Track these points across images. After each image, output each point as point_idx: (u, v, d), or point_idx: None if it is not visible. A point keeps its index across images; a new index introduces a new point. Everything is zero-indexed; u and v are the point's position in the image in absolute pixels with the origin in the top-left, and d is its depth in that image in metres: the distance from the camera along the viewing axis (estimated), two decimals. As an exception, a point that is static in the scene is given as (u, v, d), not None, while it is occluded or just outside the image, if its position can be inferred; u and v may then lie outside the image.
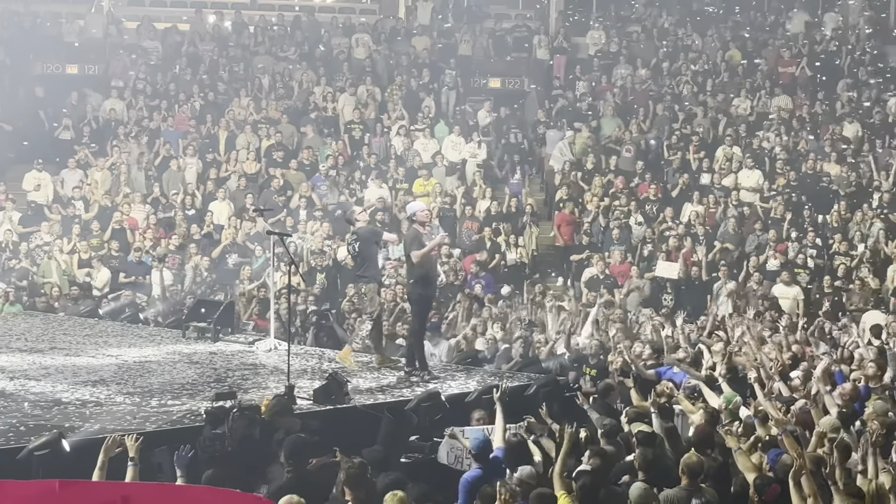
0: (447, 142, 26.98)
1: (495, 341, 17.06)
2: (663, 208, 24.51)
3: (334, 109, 28.01)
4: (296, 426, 10.92)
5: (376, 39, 31.26)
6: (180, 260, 22.37)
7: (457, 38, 31.99)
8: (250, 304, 20.44)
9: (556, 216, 24.94)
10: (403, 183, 25.37)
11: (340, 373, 13.34)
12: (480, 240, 23.84)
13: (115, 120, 27.09)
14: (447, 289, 21.51)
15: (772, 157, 26.36)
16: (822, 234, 23.54)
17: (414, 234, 14.80)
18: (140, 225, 23.71)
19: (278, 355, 15.38)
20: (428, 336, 17.01)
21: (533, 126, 28.90)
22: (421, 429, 12.18)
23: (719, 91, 29.41)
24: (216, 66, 29.67)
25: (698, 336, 17.05)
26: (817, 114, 28.53)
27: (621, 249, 23.30)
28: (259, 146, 26.37)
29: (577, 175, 26.00)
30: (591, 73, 30.77)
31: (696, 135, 27.26)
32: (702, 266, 22.53)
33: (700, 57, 31.06)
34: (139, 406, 11.98)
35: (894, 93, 29.24)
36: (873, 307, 21.29)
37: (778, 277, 21.98)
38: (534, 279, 23.07)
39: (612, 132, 27.62)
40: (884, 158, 26.17)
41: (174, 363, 14.98)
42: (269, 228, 20.37)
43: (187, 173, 25.26)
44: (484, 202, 24.98)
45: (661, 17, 33.68)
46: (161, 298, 20.75)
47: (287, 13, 32.94)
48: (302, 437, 10.17)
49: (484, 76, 31.38)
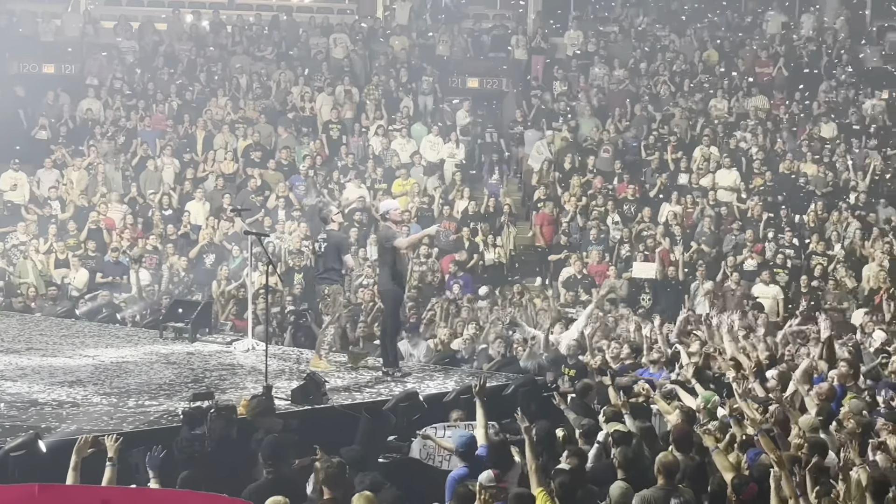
0: (425, 142, 26.98)
1: (472, 341, 17.06)
2: (641, 208, 24.57)
3: (312, 109, 27.96)
4: (277, 426, 10.91)
5: (354, 39, 31.23)
6: (157, 260, 22.29)
7: (435, 39, 31.98)
8: (228, 304, 20.40)
9: (537, 216, 24.97)
10: (382, 183, 25.34)
11: (318, 373, 13.33)
12: (458, 240, 23.84)
13: (91, 120, 26.98)
14: (425, 289, 21.55)
15: (749, 157, 26.46)
16: (800, 234, 23.63)
17: (388, 232, 14.82)
18: (117, 225, 23.61)
19: (256, 355, 15.37)
20: (407, 336, 17.04)
21: (511, 126, 28.89)
22: (399, 429, 12.19)
23: (696, 91, 29.50)
24: (194, 65, 29.58)
25: (677, 337, 17.09)
26: (794, 114, 28.66)
27: (599, 249, 23.33)
28: (237, 146, 26.30)
29: (555, 175, 26.04)
30: (569, 73, 30.80)
31: (674, 135, 27.35)
32: (678, 266, 22.58)
33: (677, 57, 31.14)
34: (116, 406, 11.95)
35: (870, 94, 29.37)
36: (849, 306, 21.42)
37: (758, 277, 22.07)
38: (512, 279, 23.09)
39: (589, 132, 27.67)
40: (860, 158, 26.30)
41: (151, 363, 14.94)
42: (246, 228, 20.32)
43: (164, 173, 25.17)
44: (462, 202, 24.98)
45: (638, 18, 33.76)
46: (138, 299, 20.67)
47: (265, 13, 32.85)
48: (280, 437, 10.16)
49: (462, 76, 31.36)
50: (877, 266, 22.03)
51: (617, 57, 31.13)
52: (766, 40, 32.10)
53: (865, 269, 22.29)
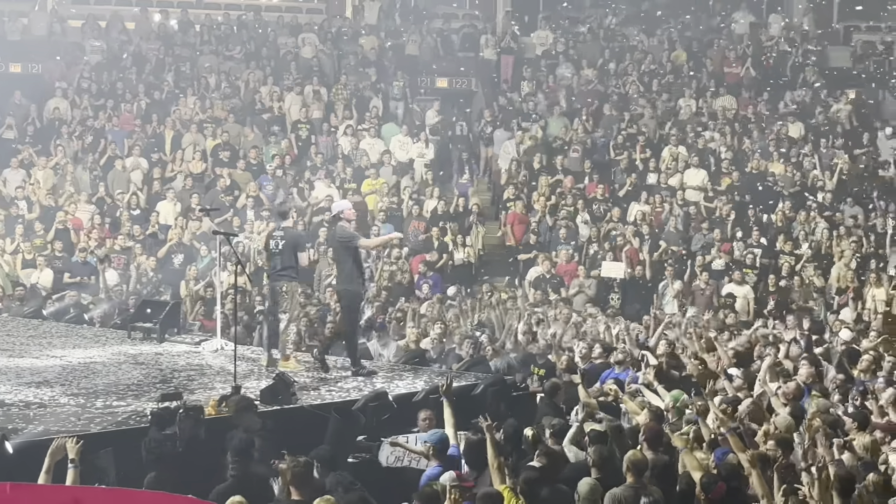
0: (394, 141, 26.96)
1: (441, 341, 17.06)
2: (611, 208, 24.64)
3: (280, 109, 27.89)
4: (256, 425, 10.90)
5: (323, 39, 31.18)
6: (125, 260, 22.20)
7: (404, 38, 31.96)
8: (196, 304, 20.33)
9: (508, 215, 24.97)
10: (351, 183, 25.30)
11: (287, 373, 13.31)
12: (428, 239, 23.83)
13: (58, 119, 26.83)
14: (395, 289, 21.55)
15: (717, 156, 26.58)
16: (768, 234, 23.73)
17: (344, 231, 14.83)
18: (85, 225, 23.49)
19: (225, 356, 15.32)
20: (377, 336, 17.01)
21: (480, 126, 28.90)
22: (368, 429, 12.17)
23: (665, 91, 29.60)
24: (162, 65, 29.46)
25: (645, 337, 17.15)
26: (762, 114, 28.80)
27: (568, 249, 23.36)
28: (205, 146, 26.20)
29: (525, 175, 26.08)
30: (538, 73, 30.85)
31: (643, 135, 27.44)
32: (646, 265, 22.65)
33: (646, 57, 31.25)
34: (84, 407, 11.88)
35: (837, 95, 29.53)
36: (817, 305, 21.55)
37: (730, 277, 22.18)
38: (481, 279, 23.09)
39: (558, 132, 27.72)
40: (827, 158, 26.45)
41: (119, 364, 14.87)
42: (214, 228, 20.25)
43: (132, 173, 25.05)
44: (431, 202, 24.97)
45: (607, 18, 33.86)
46: (106, 299, 20.57)
47: (233, 12, 32.77)
48: (250, 437, 10.13)
49: (431, 76, 31.36)
50: (843, 266, 22.16)
51: (585, 57, 31.21)
52: (735, 41, 32.25)
53: (834, 269, 22.39)
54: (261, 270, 21.30)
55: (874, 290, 21.15)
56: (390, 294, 21.01)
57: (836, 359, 14.88)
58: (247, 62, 29.78)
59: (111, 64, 29.47)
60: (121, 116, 27.14)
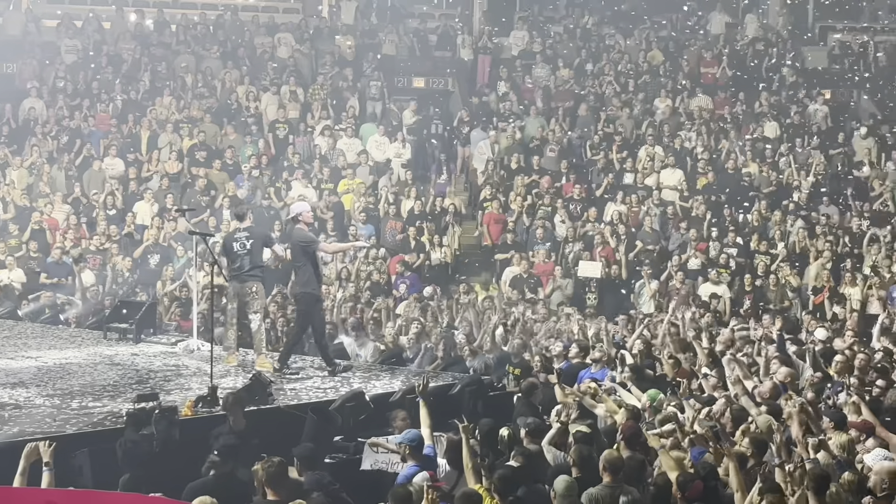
0: (371, 141, 26.93)
1: (418, 341, 17.06)
2: (588, 208, 24.67)
3: (257, 108, 27.84)
4: (241, 424, 10.91)
5: (299, 39, 31.13)
6: (101, 260, 22.12)
7: (381, 38, 31.92)
8: (172, 304, 20.27)
9: (485, 215, 24.99)
10: (328, 183, 25.27)
11: (264, 373, 13.30)
12: (404, 239, 23.83)
13: (34, 119, 26.72)
14: (373, 288, 21.54)
15: (693, 156, 26.65)
16: (744, 233, 23.79)
17: (302, 234, 14.86)
18: (60, 225, 23.40)
19: (201, 356, 15.28)
20: (354, 335, 17.00)
21: (457, 125, 28.88)
22: (345, 429, 12.17)
23: (641, 91, 29.66)
24: (138, 64, 29.35)
25: (622, 337, 17.18)
26: (738, 114, 28.89)
27: (545, 249, 23.39)
28: (181, 146, 26.13)
29: (502, 175, 26.11)
30: (514, 73, 30.86)
31: (619, 135, 27.50)
32: (622, 265, 22.69)
33: (623, 57, 31.30)
34: (59, 408, 11.86)
35: (813, 95, 29.64)
36: (792, 305, 21.64)
37: (702, 276, 22.23)
38: (459, 279, 23.08)
39: (535, 132, 27.73)
40: (803, 158, 26.54)
41: (95, 365, 14.84)
42: (191, 228, 20.20)
43: (109, 173, 24.97)
44: (408, 202, 24.96)
45: (583, 18, 33.89)
46: (81, 299, 20.50)
47: (209, 12, 32.66)
48: (235, 441, 10.11)
49: (408, 76, 31.34)
50: (819, 265, 22.24)
51: (562, 57, 31.25)
52: (710, 41, 32.34)
53: (812, 268, 22.44)
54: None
55: (849, 290, 21.23)
56: (370, 294, 21.00)
57: (811, 358, 14.90)
58: (223, 62, 29.70)
59: (87, 64, 29.35)
60: (96, 116, 27.05)
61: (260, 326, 15.24)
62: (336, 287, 20.89)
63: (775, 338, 16.43)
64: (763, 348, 15.56)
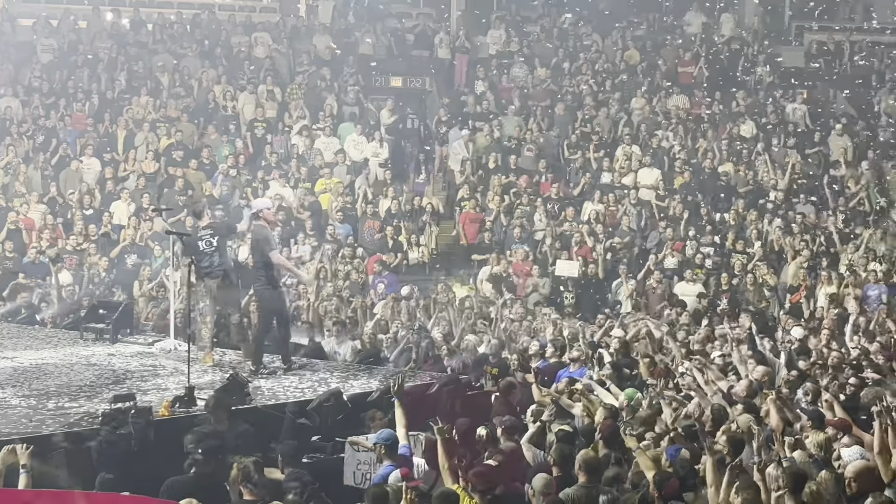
0: (349, 141, 26.90)
1: (395, 340, 17.07)
2: (565, 207, 24.70)
3: (234, 108, 27.77)
4: (223, 426, 10.90)
5: (276, 38, 31.07)
6: (78, 260, 22.04)
7: (358, 37, 31.88)
8: (149, 304, 20.21)
9: (461, 215, 24.99)
10: (306, 182, 25.24)
11: (241, 373, 13.29)
12: (382, 238, 23.82)
13: (9, 118, 26.59)
14: (351, 288, 21.52)
15: (670, 156, 26.71)
16: (721, 233, 23.85)
17: (262, 232, 14.84)
18: (37, 225, 23.31)
19: (178, 356, 15.25)
20: (334, 333, 17.02)
21: (435, 125, 28.88)
22: (323, 429, 12.17)
23: (618, 90, 29.70)
24: (114, 64, 29.23)
25: (601, 336, 17.20)
26: (715, 113, 28.96)
27: (523, 248, 23.40)
28: (158, 145, 26.05)
29: (479, 174, 26.12)
30: (490, 73, 30.86)
31: (596, 134, 27.54)
32: (598, 264, 22.72)
33: (600, 57, 31.34)
34: (35, 409, 11.82)
35: (790, 95, 29.74)
36: (769, 304, 21.71)
37: (678, 275, 22.28)
38: (437, 278, 23.07)
39: (513, 131, 27.75)
40: (780, 157, 26.63)
41: (72, 365, 14.81)
42: (167, 228, 20.15)
43: (85, 173, 24.88)
44: (386, 201, 24.95)
45: (560, 18, 33.92)
46: (58, 299, 20.43)
47: (186, 11, 32.53)
48: (217, 442, 10.09)
49: (385, 75, 31.31)
50: (797, 264, 22.31)
51: (539, 56, 31.27)
52: (687, 40, 32.39)
53: (791, 267, 22.50)
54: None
55: (826, 288, 21.30)
56: (348, 293, 20.99)
57: (787, 356, 14.96)
58: (200, 61, 29.61)
59: (63, 63, 29.22)
60: (73, 115, 26.92)
61: (210, 322, 15.28)
62: (315, 286, 20.84)
63: (744, 337, 16.48)
64: (735, 349, 15.59)
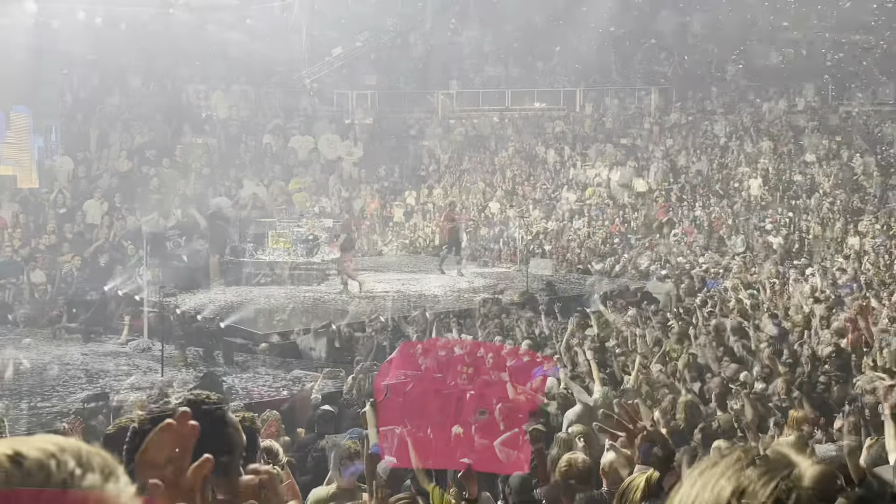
0: (323, 140, 26.88)
1: (371, 337, 17.05)
2: (541, 204, 24.77)
3: (208, 107, 27.70)
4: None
5: (252, 37, 30.96)
6: (51, 259, 21.93)
7: (334, 36, 31.81)
8: (123, 303, 20.11)
9: (437, 213, 24.99)
10: (279, 181, 25.22)
11: (216, 371, 13.25)
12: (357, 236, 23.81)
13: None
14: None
15: (645, 154, 26.81)
16: (698, 231, 23.93)
17: (223, 231, 14.87)
18: (9, 224, 23.18)
19: (152, 355, 15.22)
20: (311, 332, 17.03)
21: (409, 124, 28.90)
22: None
23: (592, 90, 29.78)
24: (87, 63, 29.08)
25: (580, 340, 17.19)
26: (689, 112, 29.08)
27: (500, 246, 23.43)
28: (132, 144, 25.96)
29: (455, 173, 26.18)
30: (465, 71, 30.90)
31: (572, 132, 27.63)
32: (573, 263, 22.77)
33: (574, 56, 31.39)
34: (8, 408, 11.76)
35: (765, 93, 29.89)
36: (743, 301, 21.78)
37: (655, 274, 22.35)
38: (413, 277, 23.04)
39: (487, 130, 27.80)
40: (754, 155, 26.75)
41: (45, 364, 14.73)
42: (143, 227, 20.10)
43: (58, 172, 24.78)
44: (359, 200, 24.97)
45: (535, 18, 33.96)
46: (30, 298, 20.33)
47: (159, 10, 32.34)
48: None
49: (362, 74, 31.30)
50: (773, 262, 22.39)
51: (513, 56, 31.33)
52: (661, 40, 32.49)
53: (766, 265, 22.59)
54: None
55: (801, 286, 21.37)
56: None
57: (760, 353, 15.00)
58: (174, 60, 29.48)
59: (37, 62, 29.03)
60: (46, 114, 26.79)
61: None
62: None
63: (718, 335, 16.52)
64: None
